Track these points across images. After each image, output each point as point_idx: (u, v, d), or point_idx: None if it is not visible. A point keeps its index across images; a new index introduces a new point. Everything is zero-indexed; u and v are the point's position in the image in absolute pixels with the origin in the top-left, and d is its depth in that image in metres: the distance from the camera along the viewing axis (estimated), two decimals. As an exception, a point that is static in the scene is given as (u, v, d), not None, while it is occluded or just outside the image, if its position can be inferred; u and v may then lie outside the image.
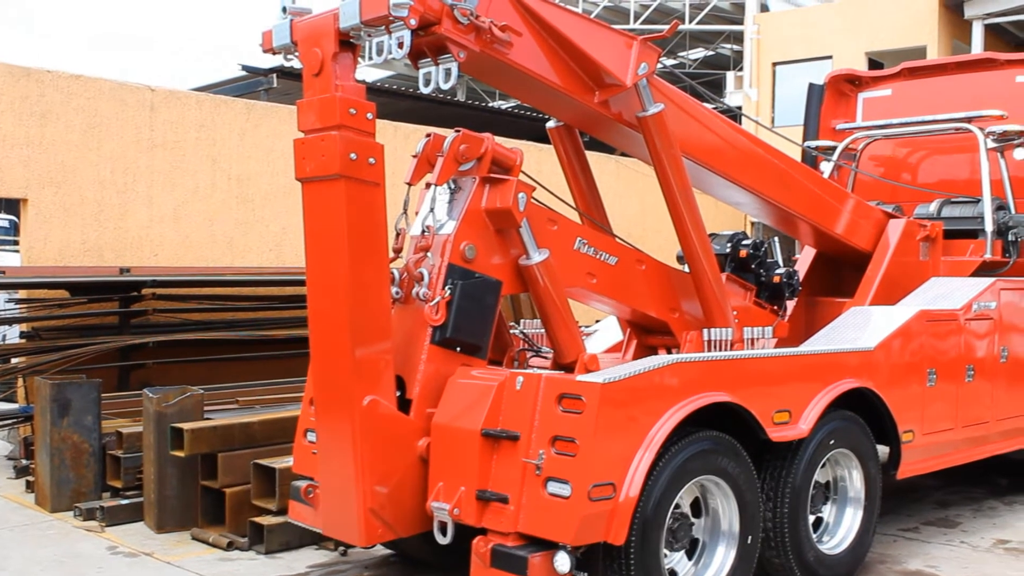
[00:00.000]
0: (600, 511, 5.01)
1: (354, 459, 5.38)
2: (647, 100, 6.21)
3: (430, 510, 5.46)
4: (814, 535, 6.33)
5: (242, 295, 11.47)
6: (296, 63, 5.49)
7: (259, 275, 11.73)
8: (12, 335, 10.97)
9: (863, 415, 6.66)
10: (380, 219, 5.37)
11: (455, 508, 5.31)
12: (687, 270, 6.82)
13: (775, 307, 7.64)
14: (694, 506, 5.68)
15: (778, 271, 7.67)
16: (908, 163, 10.00)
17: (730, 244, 7.66)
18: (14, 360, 10.13)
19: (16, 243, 16.56)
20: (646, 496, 5.15)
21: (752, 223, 19.87)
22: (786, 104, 24.39)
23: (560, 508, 4.98)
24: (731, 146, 7.07)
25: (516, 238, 5.94)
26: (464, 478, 5.33)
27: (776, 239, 8.40)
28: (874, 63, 22.93)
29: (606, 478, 5.04)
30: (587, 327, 8.05)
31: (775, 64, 25.76)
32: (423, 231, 5.87)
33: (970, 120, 8.78)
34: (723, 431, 5.66)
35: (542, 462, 5.08)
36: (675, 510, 5.44)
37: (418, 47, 5.23)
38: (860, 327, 7.21)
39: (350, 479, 5.43)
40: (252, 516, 7.15)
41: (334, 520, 5.76)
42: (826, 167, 9.66)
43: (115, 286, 10.40)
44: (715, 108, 7.19)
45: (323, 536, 6.51)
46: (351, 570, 6.73)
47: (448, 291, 5.69)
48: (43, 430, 8.23)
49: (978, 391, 7.75)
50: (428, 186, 5.95)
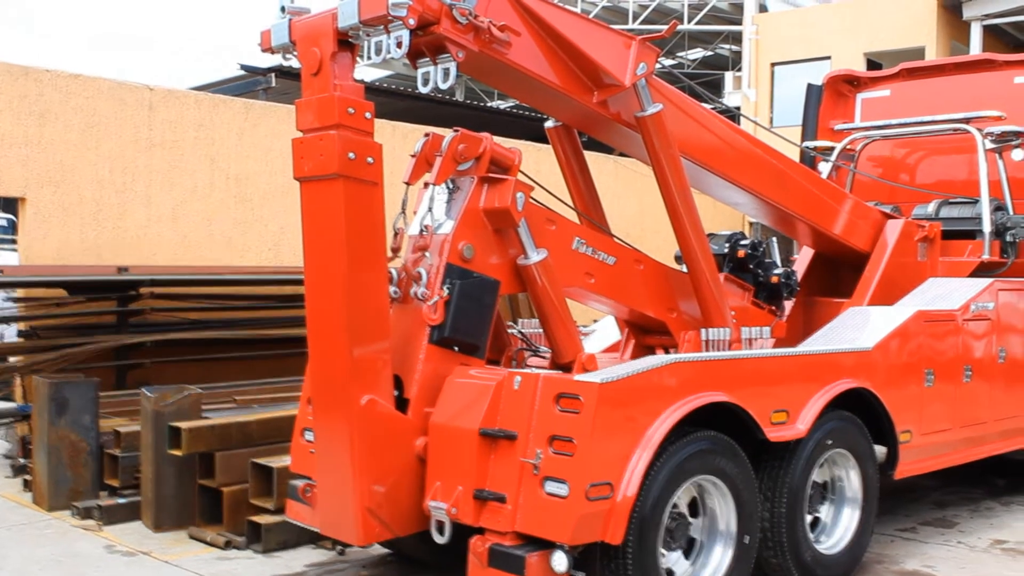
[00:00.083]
0: (597, 511, 5.01)
1: (352, 458, 5.38)
2: (646, 100, 6.21)
3: (427, 509, 5.46)
4: (811, 535, 6.33)
5: (240, 294, 11.46)
6: (295, 62, 5.49)
7: (257, 274, 11.73)
8: (10, 334, 10.96)
9: (861, 415, 6.66)
10: (378, 219, 5.37)
11: (452, 507, 5.31)
12: (685, 270, 6.82)
13: (773, 307, 7.65)
14: (692, 506, 5.68)
15: (776, 271, 7.68)
16: (906, 164, 10.01)
17: (728, 244, 7.66)
18: (12, 359, 10.12)
19: (14, 242, 16.53)
20: (644, 496, 5.15)
21: (750, 223, 19.88)
22: (785, 104, 24.40)
23: (557, 508, 4.98)
24: (730, 146, 7.07)
25: (514, 238, 5.94)
26: (462, 477, 5.33)
27: (774, 239, 8.40)
28: (873, 64, 22.93)
29: (604, 478, 5.04)
30: (585, 327, 8.05)
31: (774, 64, 25.78)
32: (421, 231, 5.87)
33: (968, 121, 8.79)
34: (721, 431, 5.66)
35: (540, 462, 5.08)
36: (673, 510, 5.44)
37: (417, 47, 5.22)
38: (858, 327, 7.21)
39: (347, 478, 5.43)
40: (250, 515, 7.15)
41: (331, 519, 5.76)
42: (824, 167, 9.67)
43: (113, 285, 10.40)
44: (714, 108, 7.19)
45: (321, 535, 6.51)
46: (348, 569, 6.73)
47: (446, 291, 5.69)
48: (41, 429, 8.23)
49: (976, 391, 7.75)
50: (426, 185, 5.95)
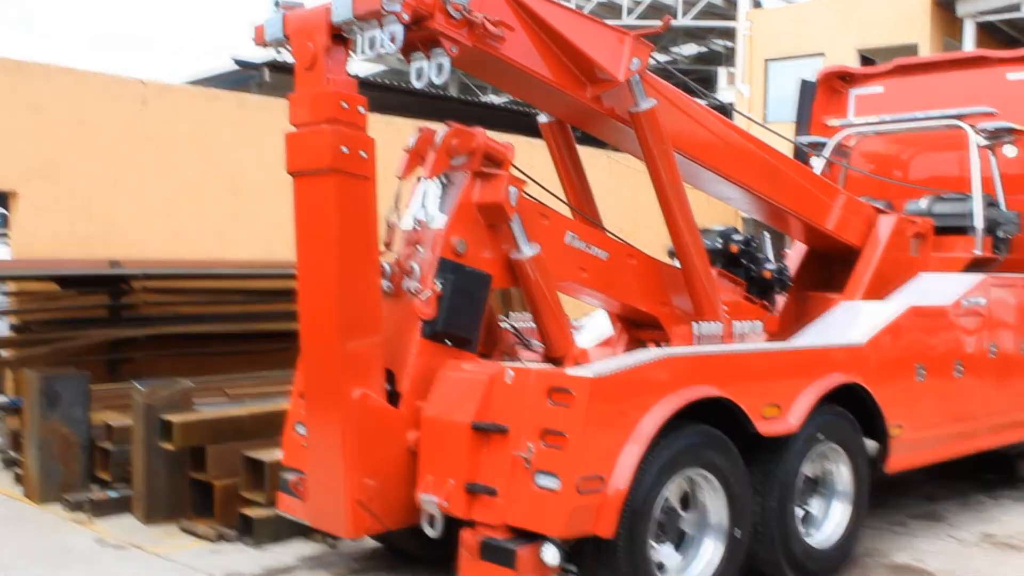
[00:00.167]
0: (589, 504, 5.03)
1: (343, 452, 5.39)
2: (639, 95, 6.22)
3: (419, 502, 5.47)
4: (802, 529, 6.35)
5: (232, 288, 11.45)
6: (288, 57, 5.48)
7: (249, 268, 11.72)
8: (2, 328, 10.95)
9: (852, 410, 6.67)
10: (371, 213, 5.37)
11: (444, 500, 5.32)
12: (678, 265, 6.83)
13: (765, 302, 7.67)
14: (683, 500, 5.70)
15: (768, 266, 7.70)
16: (899, 160, 10.03)
17: (721, 239, 7.68)
18: (3, 352, 10.12)
19: (6, 236, 16.52)
20: (635, 489, 5.17)
21: (743, 218, 19.88)
22: (778, 100, 24.42)
23: (549, 501, 4.99)
24: (723, 142, 7.08)
25: (507, 232, 5.94)
26: (453, 471, 5.34)
27: (767, 234, 8.42)
28: (866, 60, 22.95)
29: (595, 471, 5.06)
30: (577, 321, 8.06)
31: (767, 60, 25.80)
32: (414, 225, 5.88)
33: (961, 117, 8.81)
34: (712, 425, 5.68)
35: (531, 455, 5.09)
36: (664, 503, 5.45)
37: (410, 41, 5.22)
38: (850, 322, 7.23)
39: (339, 472, 5.43)
40: (241, 508, 7.15)
41: (323, 512, 5.77)
42: (817, 163, 9.68)
43: (105, 279, 10.39)
44: (707, 104, 7.19)
45: (312, 528, 6.51)
46: (340, 562, 6.74)
47: (439, 285, 5.70)
48: (32, 422, 8.22)
49: (967, 387, 7.78)
50: (419, 180, 5.95)
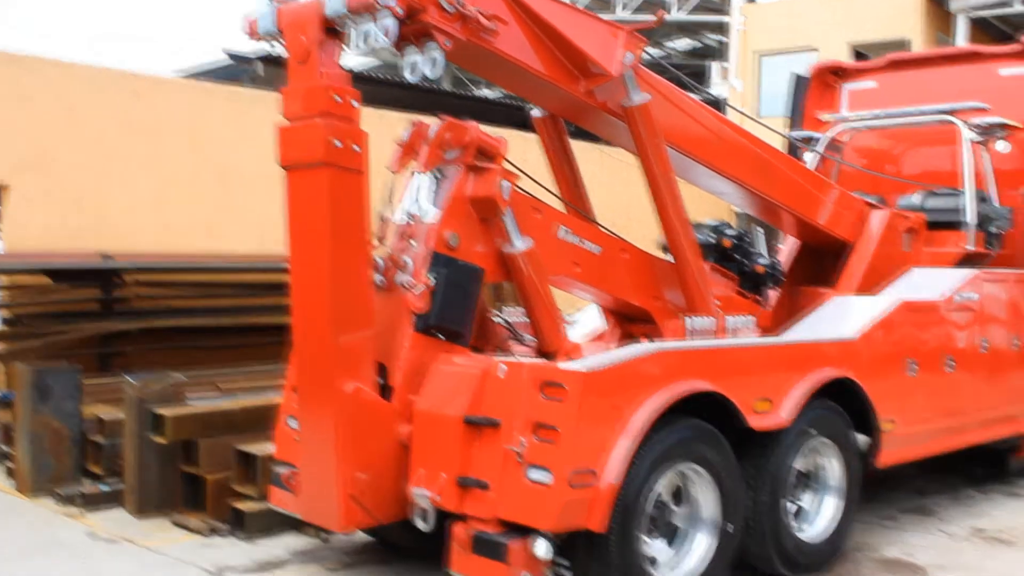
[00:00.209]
0: (581, 498, 5.03)
1: (335, 446, 5.38)
2: (632, 89, 6.22)
3: (411, 496, 5.47)
4: (794, 523, 6.36)
5: (224, 282, 11.43)
6: (281, 50, 5.47)
7: (241, 262, 11.70)
8: (-7, 321, 10.92)
9: (844, 404, 6.69)
10: (363, 207, 5.37)
11: (436, 494, 5.33)
12: (670, 259, 6.83)
13: (758, 296, 7.68)
14: (675, 494, 5.70)
15: (761, 261, 7.71)
16: (892, 155, 10.04)
17: (713, 234, 7.69)
18: (-6, 345, 10.09)
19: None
20: (627, 484, 5.17)
21: (736, 213, 19.87)
22: (771, 95, 24.38)
23: (541, 495, 5.00)
24: (716, 136, 7.08)
25: (500, 226, 5.94)
26: (445, 464, 5.34)
27: (759, 229, 8.43)
28: (859, 55, 22.96)
29: (587, 465, 5.06)
30: (569, 315, 8.06)
31: (760, 55, 25.80)
32: (407, 219, 5.88)
33: (953, 112, 8.82)
34: (704, 419, 5.69)
35: (523, 449, 5.09)
36: (656, 498, 5.46)
37: (403, 35, 5.21)
38: (842, 317, 7.24)
39: (331, 465, 5.43)
40: (233, 502, 7.15)
41: (315, 506, 5.77)
42: (810, 158, 9.69)
43: (96, 272, 10.36)
44: (700, 98, 7.20)
45: (304, 522, 6.51)
46: (331, 556, 6.74)
47: (431, 279, 5.69)
48: (23, 416, 8.20)
49: (958, 382, 7.80)
50: (412, 174, 5.95)
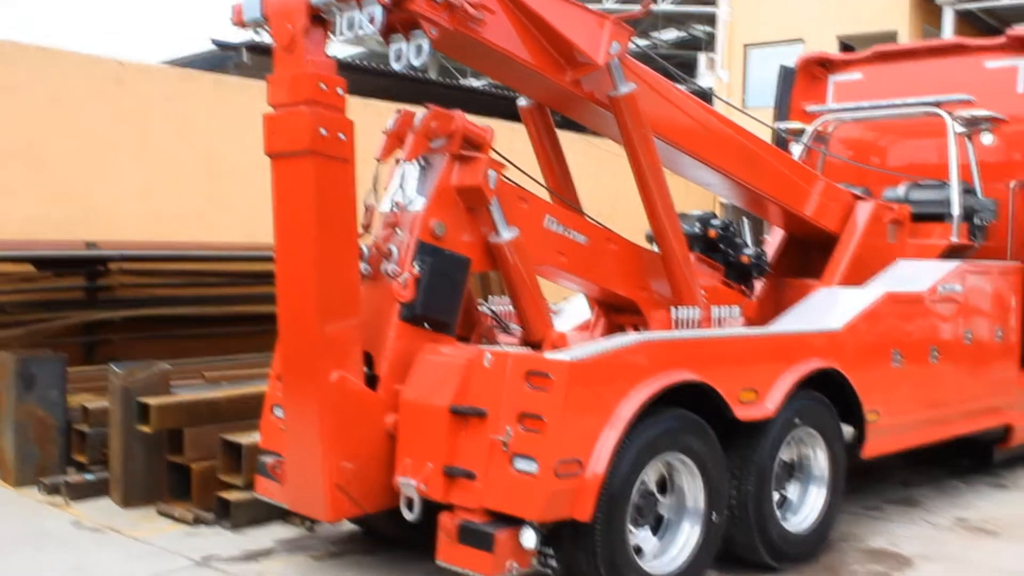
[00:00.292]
0: (567, 488, 5.04)
1: (321, 435, 5.38)
2: (619, 80, 6.22)
3: (397, 486, 5.47)
4: (779, 513, 6.38)
5: (210, 271, 11.38)
6: (267, 38, 5.45)
7: (227, 250, 11.66)
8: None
9: (829, 395, 6.71)
10: (349, 195, 5.35)
11: (422, 484, 5.33)
12: (656, 250, 6.84)
13: (743, 287, 7.69)
14: (660, 483, 5.72)
15: (747, 251, 7.72)
16: (877, 146, 10.06)
17: (700, 224, 7.70)
18: (-22, 334, 10.04)
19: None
20: (612, 473, 5.18)
21: (722, 204, 19.94)
22: (758, 86, 24.46)
23: (527, 485, 5.00)
24: (702, 127, 7.08)
25: (486, 216, 5.94)
26: (432, 454, 5.34)
27: (745, 220, 8.44)
28: (846, 47, 23.00)
29: (573, 455, 5.07)
30: (555, 305, 8.07)
31: (747, 46, 25.84)
32: (393, 208, 5.87)
33: (939, 104, 8.84)
34: (690, 410, 5.70)
35: (509, 439, 5.10)
36: (641, 487, 5.48)
37: (390, 23, 5.20)
38: (827, 308, 7.26)
39: (317, 455, 5.42)
40: (219, 491, 7.13)
41: (301, 496, 5.76)
42: (796, 149, 9.71)
43: (81, 261, 10.31)
44: (687, 89, 7.20)
45: (290, 511, 6.51)
46: (318, 546, 6.74)
47: (417, 268, 5.69)
48: (8, 405, 8.16)
49: (943, 373, 7.83)
50: (398, 163, 5.94)
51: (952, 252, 8.50)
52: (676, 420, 5.62)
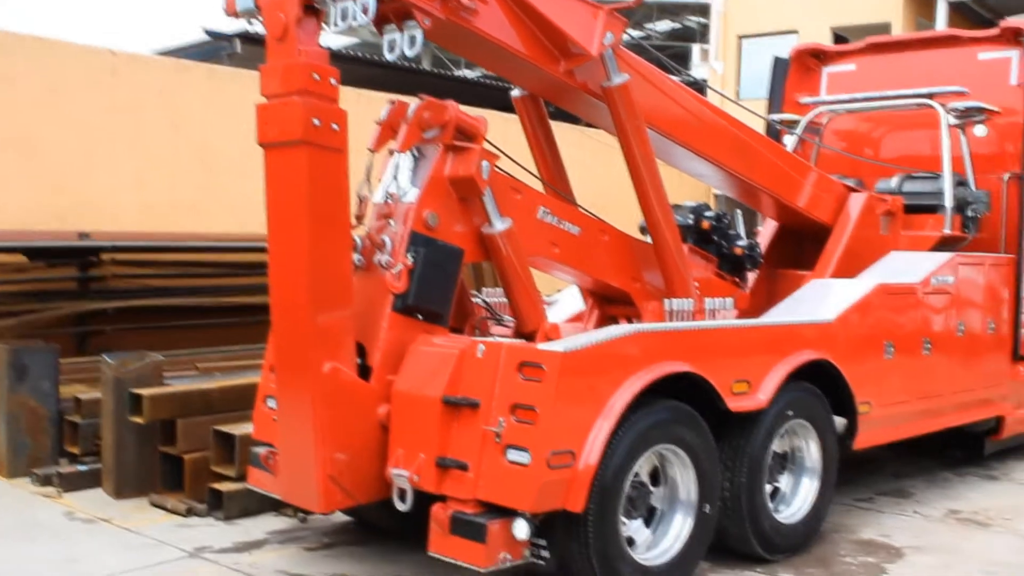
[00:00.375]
0: (559, 479, 5.04)
1: (314, 426, 5.37)
2: (612, 70, 6.21)
3: (390, 477, 5.47)
4: (771, 504, 6.40)
5: (203, 261, 11.38)
6: (260, 28, 5.43)
7: (220, 241, 11.65)
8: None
9: (821, 386, 6.72)
10: (342, 186, 5.34)
11: (415, 475, 5.32)
12: (650, 241, 6.84)
13: (736, 279, 7.70)
14: (653, 475, 5.73)
15: (740, 243, 7.73)
16: (871, 138, 10.06)
17: (693, 216, 7.69)
18: (-30, 325, 10.01)
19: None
20: (605, 464, 5.19)
21: (715, 195, 19.91)
22: (751, 77, 24.43)
23: (519, 476, 5.00)
24: (696, 118, 7.08)
25: (479, 206, 5.93)
26: (424, 445, 5.34)
27: (739, 211, 8.44)
28: (839, 38, 22.99)
29: (565, 446, 5.07)
30: (549, 296, 8.07)
31: (741, 37, 25.81)
32: (386, 198, 5.85)
33: (932, 96, 8.85)
34: (683, 401, 5.71)
35: (502, 430, 5.10)
36: (634, 478, 5.48)
37: (383, 13, 5.18)
38: (820, 299, 7.27)
39: (310, 446, 5.42)
40: (211, 482, 7.13)
41: (293, 486, 5.76)
42: (790, 140, 9.71)
43: (74, 251, 10.30)
44: (681, 80, 7.19)
45: (283, 502, 6.51)
46: (310, 536, 6.74)
47: (410, 259, 5.68)
48: (0, 396, 8.15)
49: (935, 364, 7.85)
50: (391, 153, 5.92)
51: (945, 244, 8.51)
52: (669, 411, 5.62)
